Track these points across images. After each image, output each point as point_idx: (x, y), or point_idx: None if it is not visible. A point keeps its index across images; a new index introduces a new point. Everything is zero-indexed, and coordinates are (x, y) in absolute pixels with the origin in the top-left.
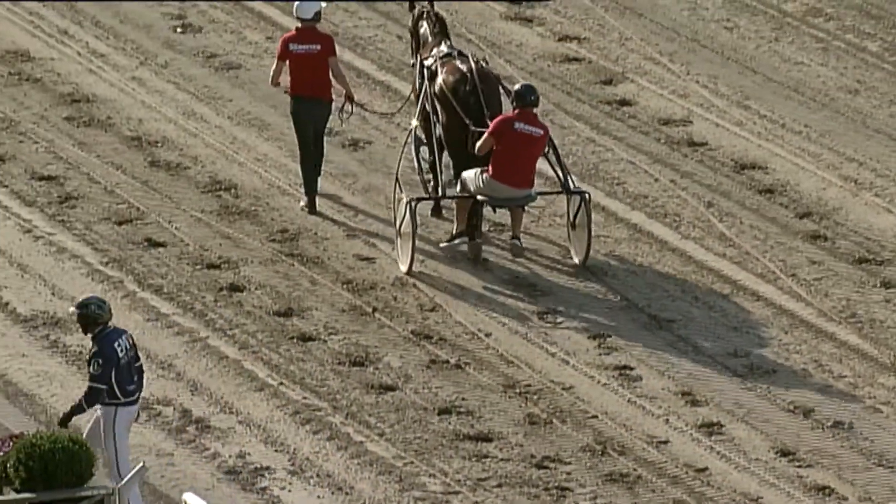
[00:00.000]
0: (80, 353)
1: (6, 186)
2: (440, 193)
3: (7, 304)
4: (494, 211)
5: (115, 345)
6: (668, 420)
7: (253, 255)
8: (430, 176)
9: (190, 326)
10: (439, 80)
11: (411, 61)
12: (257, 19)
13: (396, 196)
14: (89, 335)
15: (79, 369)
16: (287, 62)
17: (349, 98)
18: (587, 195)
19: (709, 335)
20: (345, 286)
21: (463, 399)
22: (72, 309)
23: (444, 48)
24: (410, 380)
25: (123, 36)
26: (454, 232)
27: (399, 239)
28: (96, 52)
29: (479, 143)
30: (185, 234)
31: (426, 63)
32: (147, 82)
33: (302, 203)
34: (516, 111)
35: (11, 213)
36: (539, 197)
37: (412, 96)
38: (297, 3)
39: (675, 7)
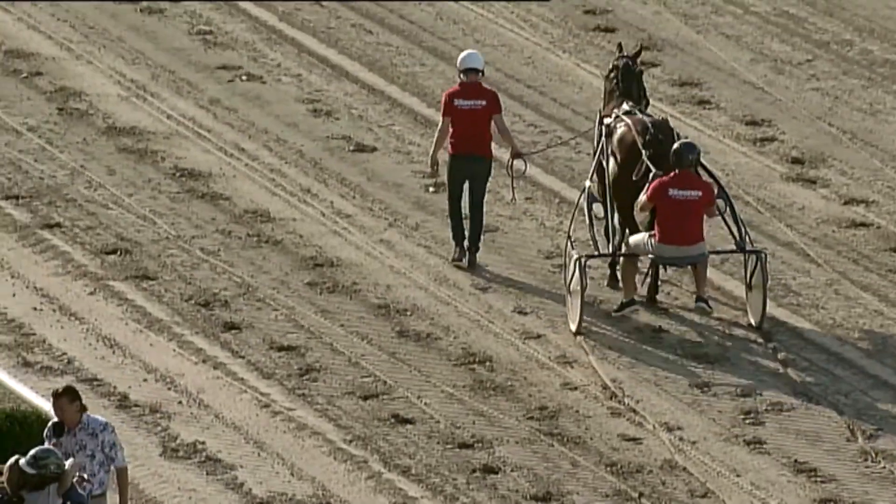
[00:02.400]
0: None
1: (242, 357)
2: (612, 252)
3: (242, 484)
4: (665, 269)
5: None
6: None
7: (509, 434)
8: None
9: None
10: (617, 133)
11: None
12: (517, 178)
13: (568, 253)
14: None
15: None
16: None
17: (517, 155)
18: (763, 254)
19: None
20: (608, 469)
21: None
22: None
23: (625, 107)
24: None
25: (371, 195)
26: (623, 300)
27: (569, 297)
28: (342, 213)
29: (638, 203)
30: (436, 411)
31: (605, 120)
32: (396, 245)
33: (454, 254)
34: (673, 173)
35: (248, 387)
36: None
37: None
38: (462, 54)
39: None
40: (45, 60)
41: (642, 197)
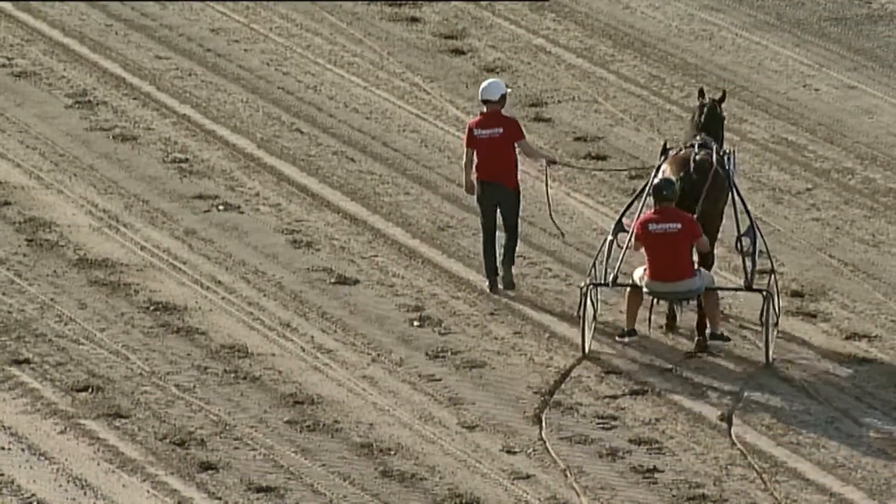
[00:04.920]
0: None
1: (220, 499)
2: (612, 281)
3: None
4: (658, 303)
5: None
6: None
7: None
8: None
9: None
10: (662, 169)
11: None
12: (505, 311)
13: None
14: None
15: None
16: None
17: (551, 161)
18: (766, 292)
19: None
20: None
21: None
22: None
23: (696, 139)
24: None
25: (353, 329)
26: (625, 328)
27: (580, 322)
28: (322, 348)
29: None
30: None
31: (668, 149)
32: (379, 382)
33: (486, 284)
34: (655, 209)
35: None
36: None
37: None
38: (483, 84)
39: None
40: (13, 189)
41: (632, 239)
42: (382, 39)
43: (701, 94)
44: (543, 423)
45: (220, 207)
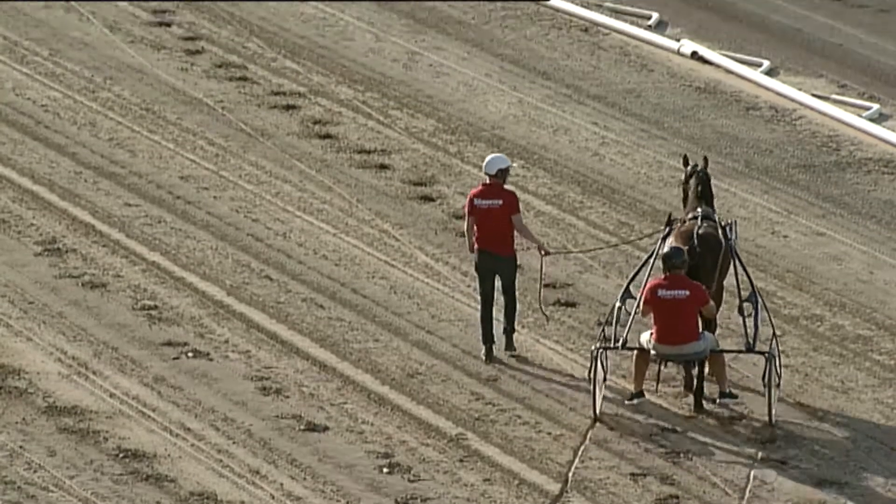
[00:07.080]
0: None
1: None
2: (621, 345)
3: None
4: (665, 365)
5: None
6: None
7: None
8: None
9: None
10: (668, 241)
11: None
12: (475, 458)
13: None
14: None
15: None
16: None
17: (541, 249)
18: (769, 355)
19: None
20: None
21: None
22: None
23: (698, 210)
24: None
25: (323, 476)
26: (633, 391)
27: (591, 385)
28: (292, 495)
29: (637, 307)
30: None
31: (673, 220)
32: None
33: (481, 352)
34: (664, 276)
35: None
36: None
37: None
38: (486, 159)
39: None
40: None
41: (641, 303)
42: (352, 186)
43: (685, 161)
44: None
45: (190, 354)
